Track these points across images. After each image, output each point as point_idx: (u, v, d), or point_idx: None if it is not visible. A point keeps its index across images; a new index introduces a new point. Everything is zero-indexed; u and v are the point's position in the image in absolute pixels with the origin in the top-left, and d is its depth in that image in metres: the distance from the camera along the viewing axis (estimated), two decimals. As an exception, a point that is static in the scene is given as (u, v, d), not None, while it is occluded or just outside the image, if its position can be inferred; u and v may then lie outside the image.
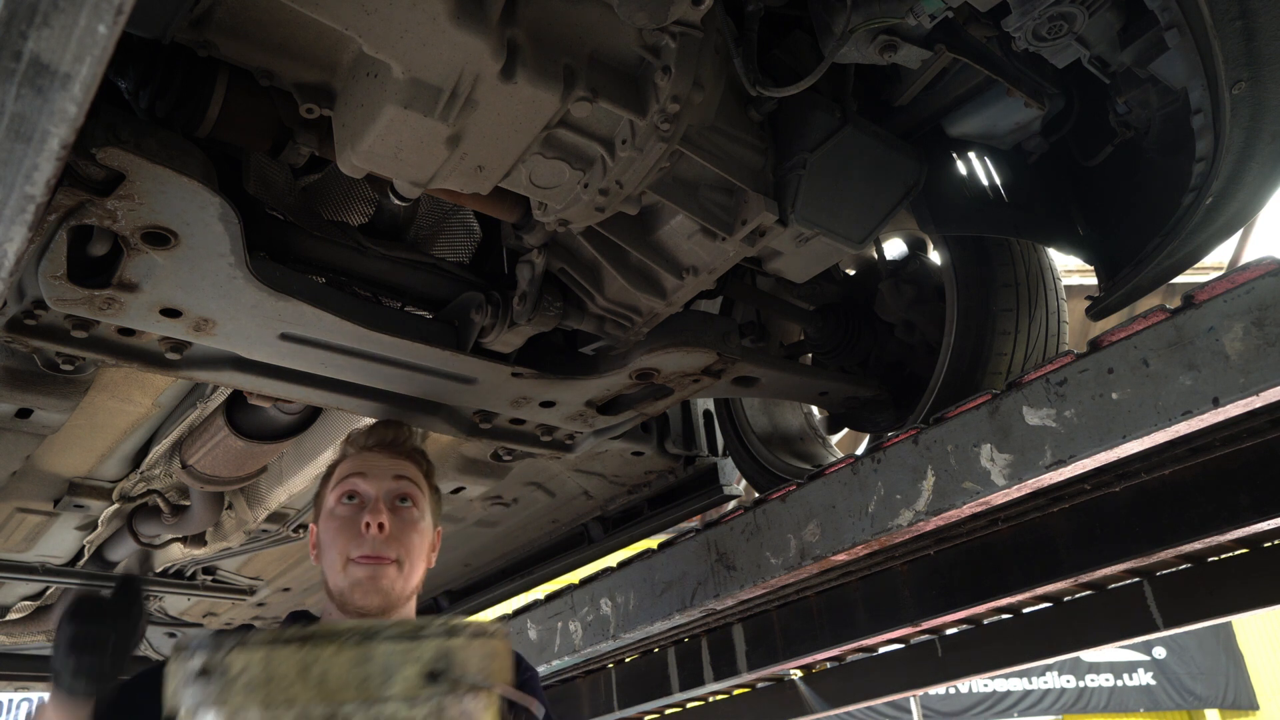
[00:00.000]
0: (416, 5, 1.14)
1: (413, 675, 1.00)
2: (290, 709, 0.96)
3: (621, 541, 2.97)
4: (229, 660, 0.98)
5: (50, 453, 2.38)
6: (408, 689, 0.99)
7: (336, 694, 0.97)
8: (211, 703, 0.97)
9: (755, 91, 1.48)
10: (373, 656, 0.99)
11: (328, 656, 0.98)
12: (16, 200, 1.05)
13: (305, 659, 0.97)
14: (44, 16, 0.83)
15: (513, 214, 1.65)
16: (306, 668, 0.97)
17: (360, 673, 0.98)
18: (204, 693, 0.98)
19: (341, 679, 0.97)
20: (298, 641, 0.98)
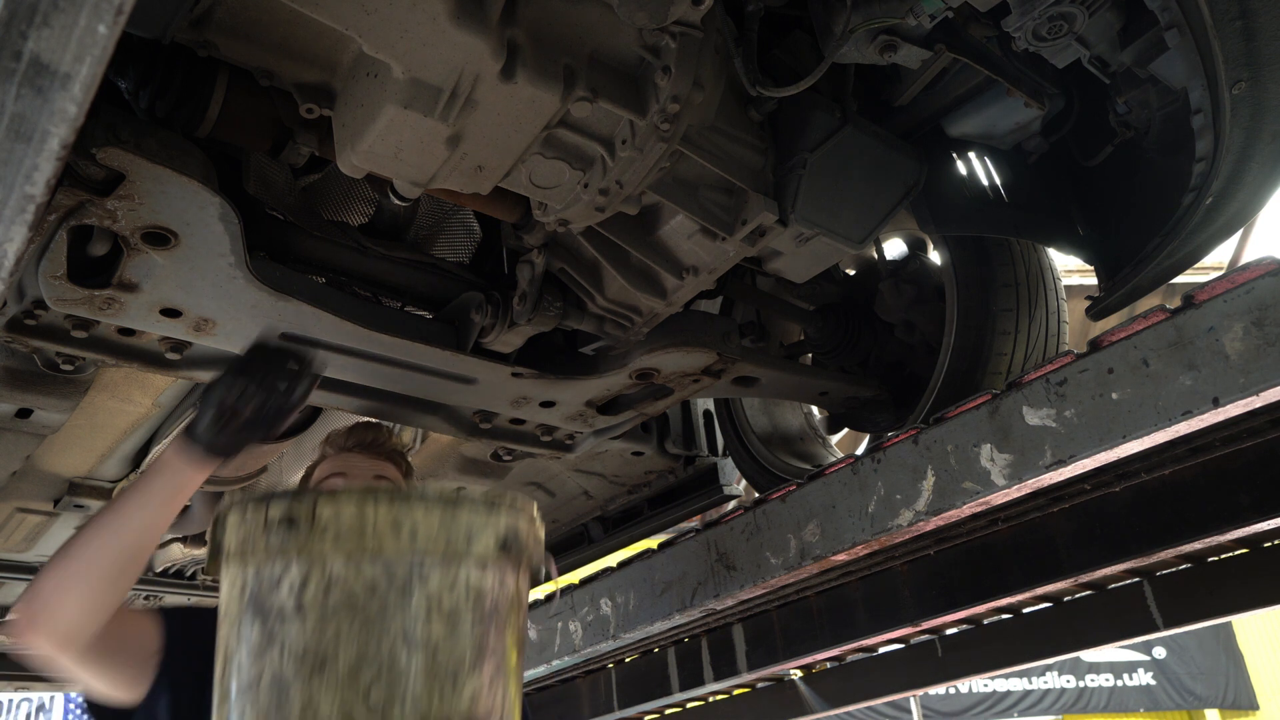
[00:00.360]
0: (416, 5, 1.14)
1: (490, 542, 1.05)
2: (375, 562, 1.00)
3: (621, 541, 2.97)
4: (318, 511, 1.01)
5: (50, 453, 2.38)
6: (485, 553, 1.04)
7: (423, 549, 1.01)
8: (295, 549, 1.00)
9: (755, 91, 1.48)
10: (458, 519, 1.04)
11: (419, 514, 1.02)
12: (16, 200, 1.05)
13: (398, 515, 1.01)
14: (44, 16, 0.83)
15: (513, 214, 1.65)
16: (399, 523, 1.01)
17: (446, 533, 1.03)
18: (287, 539, 1.01)
19: (430, 536, 1.02)
20: (389, 499, 1.02)
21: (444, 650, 1.00)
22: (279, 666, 0.98)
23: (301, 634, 0.99)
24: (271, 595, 1.02)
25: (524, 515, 1.10)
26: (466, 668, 1.01)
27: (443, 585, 1.02)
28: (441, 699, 0.99)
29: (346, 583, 0.99)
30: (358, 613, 0.99)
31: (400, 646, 0.98)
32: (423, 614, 1.00)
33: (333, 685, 0.96)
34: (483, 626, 1.04)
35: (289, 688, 0.97)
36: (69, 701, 9.82)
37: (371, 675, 0.97)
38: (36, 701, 9.73)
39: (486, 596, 1.05)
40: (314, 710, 0.96)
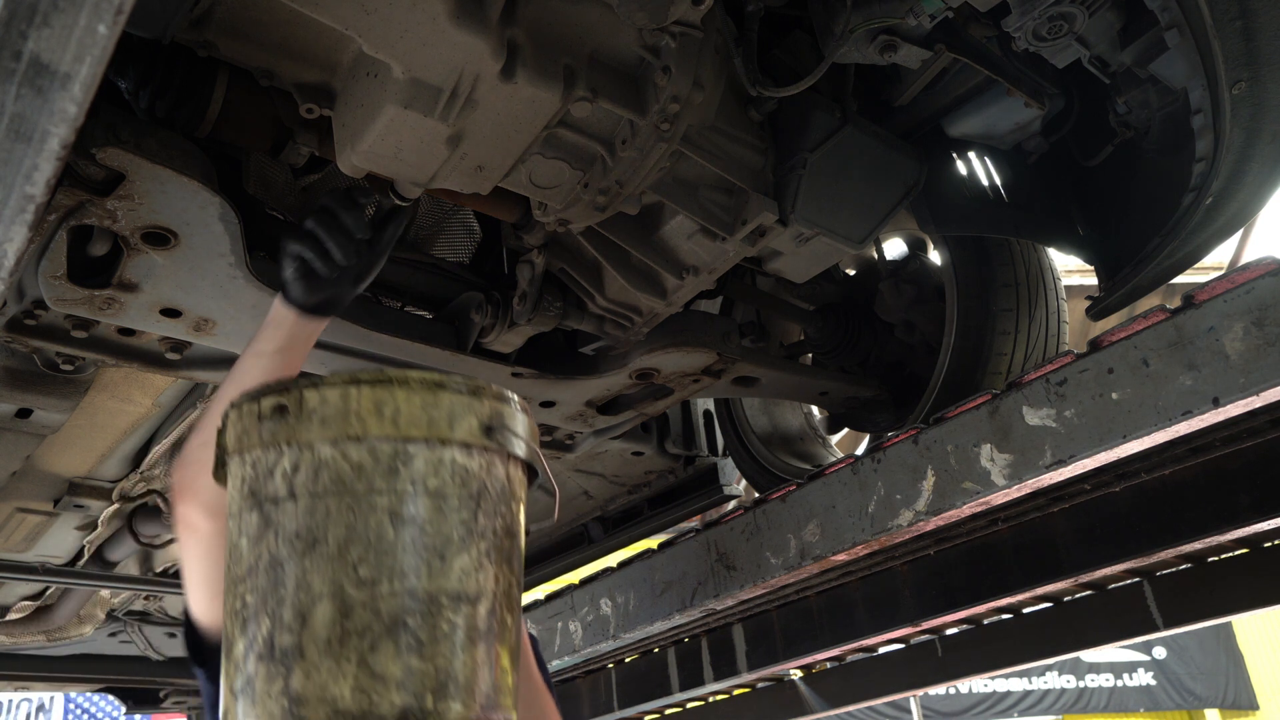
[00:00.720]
0: (416, 5, 1.14)
1: (474, 425, 1.06)
2: (360, 444, 1.02)
3: (621, 541, 2.97)
4: (305, 396, 1.04)
5: (50, 453, 2.38)
6: (468, 436, 1.06)
7: (405, 431, 1.03)
8: (285, 437, 1.03)
9: (755, 91, 1.48)
10: (440, 402, 1.05)
11: (401, 397, 1.04)
12: (16, 200, 1.05)
13: (380, 397, 1.04)
14: (44, 16, 0.84)
15: (513, 214, 1.65)
16: (381, 405, 1.03)
17: (428, 415, 1.04)
18: (277, 428, 1.04)
19: (412, 418, 1.04)
20: (371, 383, 1.04)
21: (431, 528, 1.02)
22: (275, 548, 1.02)
23: (294, 517, 1.02)
24: (267, 483, 1.05)
25: (509, 404, 1.12)
26: (455, 545, 1.03)
27: (428, 466, 1.04)
28: (430, 574, 1.01)
29: (334, 465, 1.02)
30: (345, 493, 1.01)
31: (387, 524, 1.01)
32: (409, 492, 1.02)
33: (324, 562, 0.99)
34: (470, 508, 1.05)
35: (283, 567, 1.01)
36: (69, 701, 9.82)
37: (360, 552, 0.99)
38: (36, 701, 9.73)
39: (474, 479, 1.06)
40: (307, 586, 0.99)
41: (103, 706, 9.87)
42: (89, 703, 9.82)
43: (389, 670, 0.97)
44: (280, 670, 0.97)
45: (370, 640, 0.98)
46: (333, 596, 0.99)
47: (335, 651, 0.97)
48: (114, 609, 3.60)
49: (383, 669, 0.97)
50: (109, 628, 3.74)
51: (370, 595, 0.99)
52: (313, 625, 0.98)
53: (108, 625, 3.70)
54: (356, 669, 0.96)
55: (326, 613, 0.98)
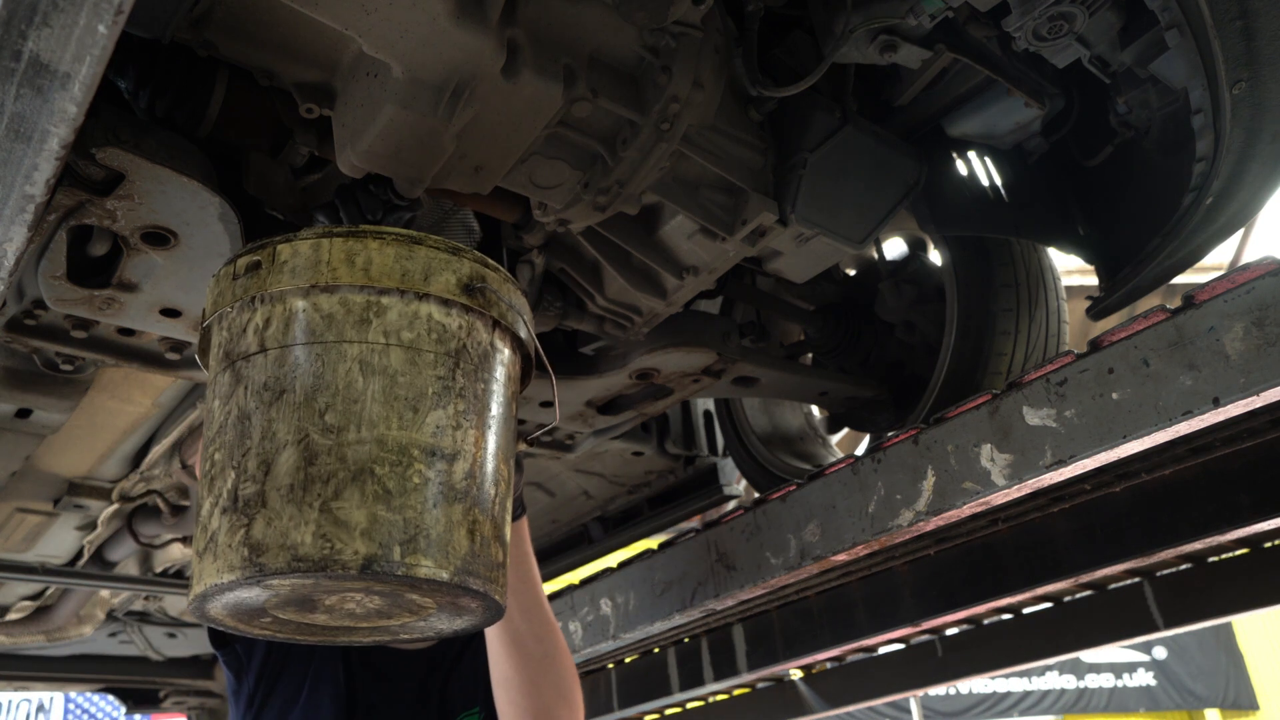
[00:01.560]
0: (416, 5, 1.14)
1: (451, 280, 1.04)
2: (332, 294, 1.00)
3: (621, 541, 2.97)
4: (278, 250, 1.02)
5: (50, 453, 2.38)
6: (445, 291, 1.03)
7: (377, 281, 1.00)
8: (257, 291, 1.01)
9: (755, 91, 1.48)
10: (415, 255, 1.03)
11: (374, 248, 1.02)
12: (16, 200, 1.05)
13: (352, 248, 1.01)
14: (44, 16, 0.84)
15: (513, 214, 1.65)
16: (352, 255, 1.01)
17: (402, 266, 1.02)
18: (250, 282, 1.02)
19: (384, 268, 1.01)
20: (344, 234, 1.02)
21: (403, 379, 0.99)
22: (243, 402, 0.99)
23: (264, 368, 0.99)
24: (239, 341, 1.02)
25: (495, 270, 1.09)
26: (429, 400, 0.99)
27: (401, 318, 1.01)
28: (401, 425, 0.97)
29: (305, 315, 1.00)
30: (315, 342, 0.99)
31: (357, 372, 0.97)
32: (381, 343, 0.99)
33: (290, 410, 0.96)
34: (448, 365, 1.02)
35: (250, 419, 0.97)
36: (69, 701, 9.82)
37: (327, 400, 0.96)
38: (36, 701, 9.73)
39: (452, 337, 1.03)
40: (272, 435, 0.96)
41: (102, 707, 9.87)
42: (89, 703, 9.83)
43: (353, 517, 0.92)
44: (242, 520, 0.93)
45: (335, 487, 0.93)
46: (297, 444, 0.95)
47: (298, 498, 0.93)
48: (114, 609, 3.60)
49: (347, 515, 0.92)
50: (109, 628, 3.74)
51: (336, 442, 0.94)
52: (276, 473, 0.94)
53: (108, 625, 3.70)
54: (319, 515, 0.92)
55: (290, 459, 0.94)
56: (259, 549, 0.91)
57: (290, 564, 0.91)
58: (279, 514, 0.92)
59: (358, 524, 0.92)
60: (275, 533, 0.92)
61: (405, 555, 0.93)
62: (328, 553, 0.91)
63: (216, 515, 0.96)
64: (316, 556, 0.90)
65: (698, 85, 1.37)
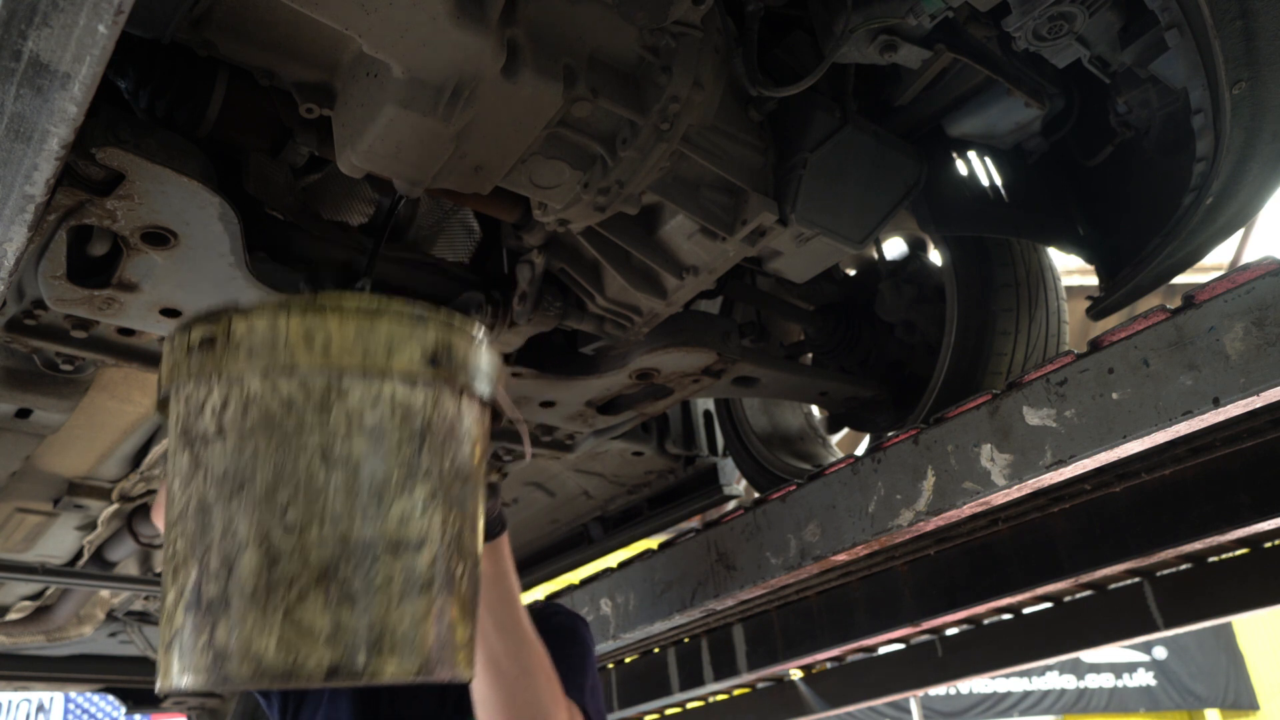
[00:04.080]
0: (416, 5, 1.14)
1: (415, 355, 0.98)
2: (291, 376, 0.95)
3: (621, 541, 2.97)
4: (233, 326, 0.96)
5: (50, 453, 2.38)
6: (409, 367, 0.98)
7: (338, 362, 0.95)
8: (213, 370, 0.96)
9: (755, 91, 1.48)
10: (377, 329, 0.97)
11: (333, 325, 0.96)
12: (16, 200, 1.05)
13: (310, 325, 0.95)
14: (44, 16, 0.84)
15: (513, 214, 1.65)
16: (311, 334, 0.95)
17: (363, 344, 0.96)
18: (205, 360, 0.96)
19: (344, 347, 0.96)
20: (301, 310, 0.96)
21: (366, 468, 0.94)
22: (203, 491, 0.94)
23: (223, 456, 0.94)
24: (197, 421, 0.97)
25: (461, 333, 1.03)
26: (393, 487, 0.95)
27: (364, 400, 0.96)
28: (364, 520, 0.93)
29: (263, 400, 0.94)
30: (274, 431, 0.93)
31: (318, 464, 0.93)
32: (342, 430, 0.94)
33: (251, 506, 0.92)
34: (413, 446, 0.97)
35: (211, 511, 0.93)
36: (69, 701, 9.82)
37: (288, 494, 0.92)
38: (36, 701, 9.73)
39: (416, 415, 0.98)
40: (233, 532, 0.92)
41: (102, 707, 9.87)
42: (89, 703, 9.83)
43: (316, 623, 0.89)
44: (206, 621, 0.91)
45: (298, 591, 0.90)
46: (259, 543, 0.91)
47: (261, 602, 0.89)
48: (114, 609, 3.60)
49: (310, 622, 0.89)
50: (109, 628, 3.74)
51: (299, 542, 0.91)
52: (239, 574, 0.91)
53: (108, 625, 3.70)
54: (282, 622, 0.89)
55: (252, 561, 0.91)
56: (223, 656, 0.89)
57: (254, 674, 0.89)
58: (243, 619, 0.89)
59: (322, 630, 0.89)
60: (239, 640, 0.89)
61: (371, 659, 0.91)
62: (291, 663, 0.89)
63: (180, 611, 0.94)
64: (280, 667, 0.89)
65: (698, 85, 1.37)
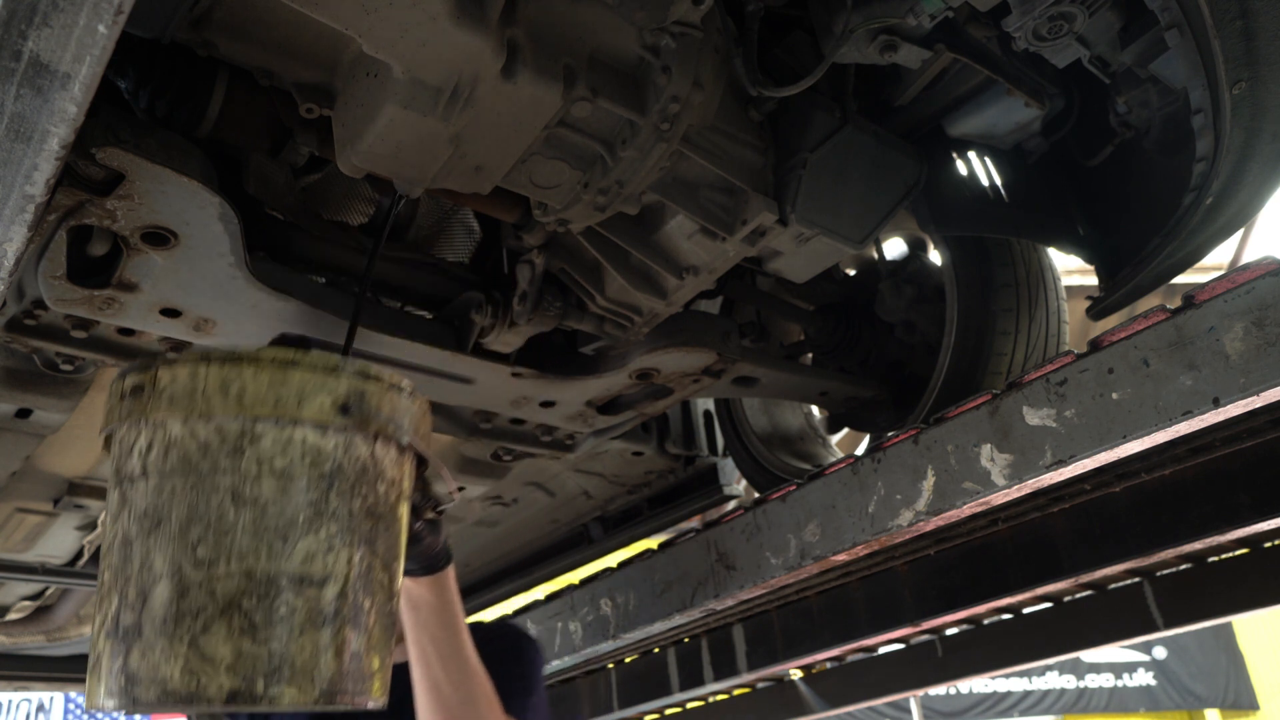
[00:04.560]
0: (416, 5, 1.14)
1: (326, 403, 1.06)
2: (208, 422, 1.03)
3: (621, 541, 2.97)
4: (158, 375, 1.05)
5: (50, 453, 2.38)
6: (319, 415, 1.05)
7: (251, 409, 1.03)
8: (140, 415, 1.05)
9: (755, 91, 1.48)
10: (289, 380, 1.05)
11: (248, 375, 1.04)
12: (16, 200, 1.05)
13: (227, 375, 1.04)
14: (44, 16, 0.84)
15: (513, 214, 1.65)
16: (227, 384, 1.03)
17: (275, 393, 1.04)
18: (134, 406, 1.05)
19: (258, 396, 1.04)
20: (220, 361, 1.05)
21: (274, 509, 1.02)
22: (127, 526, 1.03)
23: (145, 495, 1.03)
24: (126, 462, 1.06)
25: (376, 383, 1.10)
26: (299, 527, 1.02)
27: (275, 445, 1.03)
28: (270, 556, 1.00)
29: (182, 444, 1.03)
30: (190, 472, 1.02)
31: (229, 504, 1.01)
32: (253, 473, 1.02)
33: (166, 541, 1.00)
34: (321, 488, 1.05)
35: (132, 545, 1.02)
36: (69, 701, 9.82)
37: (200, 531, 1.00)
38: (36, 701, 9.73)
39: (327, 459, 1.05)
40: (149, 566, 1.00)
41: (103, 706, 9.85)
42: (89, 703, 9.81)
43: (219, 652, 0.96)
44: (121, 648, 0.98)
45: (204, 621, 0.97)
46: (171, 576, 0.98)
47: (169, 631, 0.97)
48: (114, 609, 3.60)
49: (213, 651, 0.96)
50: (109, 628, 3.74)
51: (207, 576, 0.98)
52: (151, 604, 0.98)
53: (108, 625, 3.69)
54: (188, 650, 0.96)
55: (164, 592, 0.98)
56: (133, 680, 0.97)
57: (160, 697, 0.96)
58: (152, 646, 0.97)
59: (223, 659, 0.97)
60: (148, 665, 0.97)
61: (269, 687, 0.97)
62: (194, 688, 0.96)
63: (103, 637, 1.01)
64: (183, 691, 0.96)
65: (698, 85, 1.37)
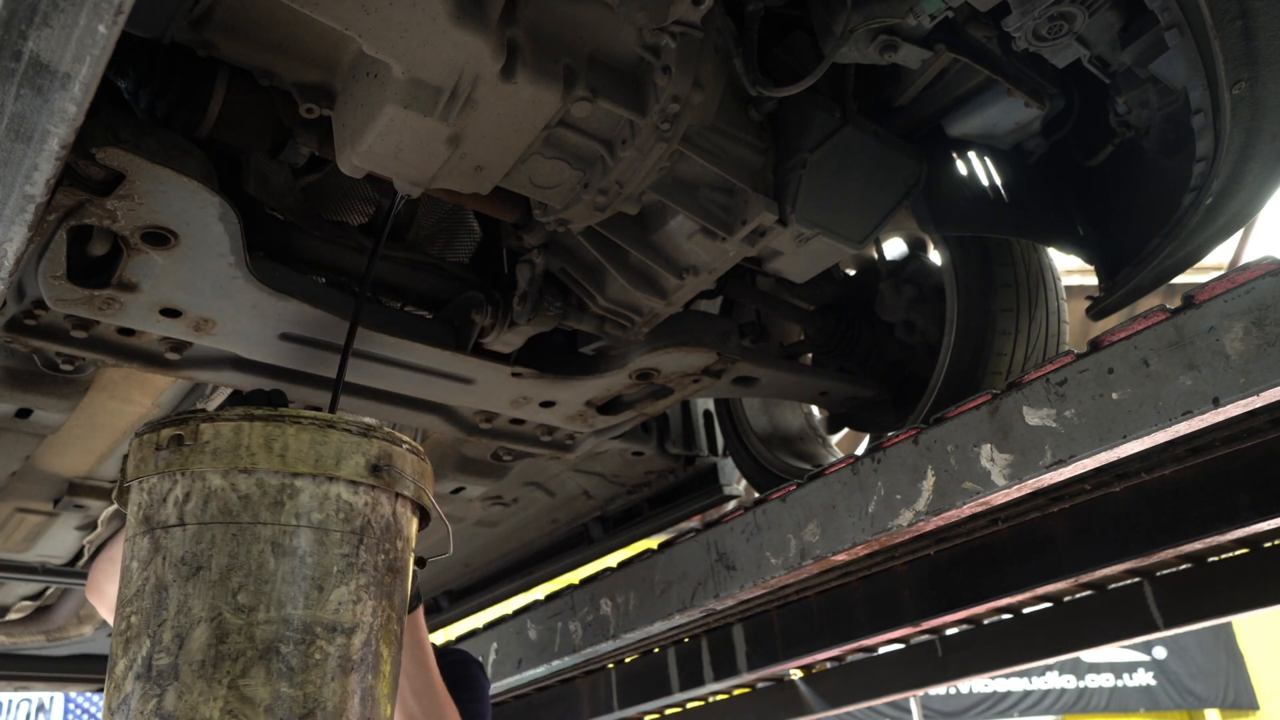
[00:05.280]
0: (416, 5, 1.14)
1: (360, 463, 1.13)
2: (249, 476, 1.09)
3: (621, 541, 2.97)
4: (200, 429, 1.11)
5: (50, 453, 2.38)
6: (354, 474, 1.12)
7: (293, 466, 1.10)
8: (179, 466, 1.10)
9: (755, 91, 1.48)
10: (329, 440, 1.12)
11: (291, 434, 1.11)
12: (16, 200, 1.05)
13: (271, 433, 1.10)
14: (44, 16, 0.84)
15: (513, 214, 1.65)
16: (270, 440, 1.10)
17: (316, 452, 1.11)
18: (173, 457, 1.10)
19: (300, 454, 1.10)
20: (264, 419, 1.11)
21: (311, 560, 1.08)
22: (161, 572, 1.07)
23: (182, 543, 1.07)
24: (160, 510, 1.10)
25: (400, 446, 1.18)
26: (334, 578, 1.09)
27: (313, 500, 1.10)
28: (307, 604, 1.06)
29: (223, 495, 1.08)
30: (231, 522, 1.07)
31: (269, 554, 1.07)
32: (292, 524, 1.08)
33: (206, 587, 1.05)
34: (353, 543, 1.11)
35: (167, 590, 1.06)
36: (69, 701, 9.82)
37: (241, 579, 1.05)
38: (36, 701, 9.72)
39: (358, 515, 1.12)
40: (187, 610, 1.04)
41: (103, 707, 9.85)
42: (89, 703, 9.82)
43: (259, 694, 1.01)
44: (155, 690, 1.02)
45: (243, 665, 1.02)
46: (210, 621, 1.03)
47: (208, 674, 1.01)
48: (114, 609, 3.60)
49: (253, 693, 1.01)
50: (109, 628, 3.74)
51: (247, 621, 1.03)
52: (189, 648, 1.02)
53: (108, 625, 3.70)
54: (227, 692, 1.01)
55: (203, 636, 1.03)
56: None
57: None
58: (190, 688, 1.01)
59: (262, 700, 1.02)
60: (185, 706, 1.01)
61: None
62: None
63: (130, 679, 1.04)
64: None
65: (698, 85, 1.37)
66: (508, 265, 1.88)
